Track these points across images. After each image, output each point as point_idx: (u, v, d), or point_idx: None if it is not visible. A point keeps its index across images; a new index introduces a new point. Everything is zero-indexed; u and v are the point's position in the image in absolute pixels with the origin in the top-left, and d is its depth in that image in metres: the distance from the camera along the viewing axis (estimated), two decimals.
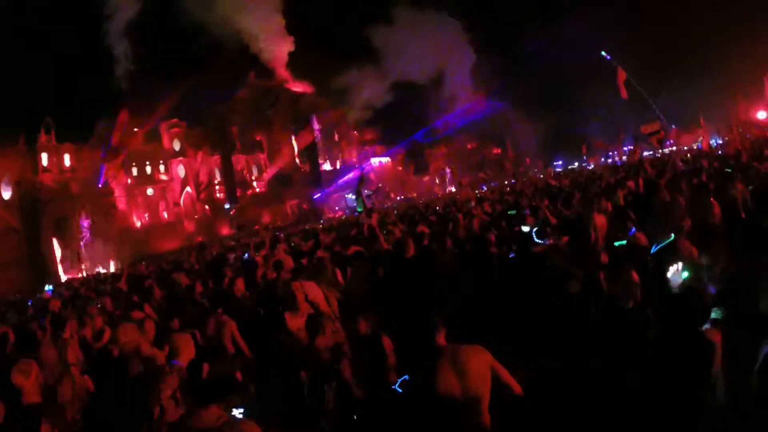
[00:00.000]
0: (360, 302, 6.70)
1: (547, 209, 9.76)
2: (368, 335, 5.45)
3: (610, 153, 53.06)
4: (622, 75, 34.32)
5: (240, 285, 8.28)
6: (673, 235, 5.95)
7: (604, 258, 6.66)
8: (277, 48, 57.42)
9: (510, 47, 59.96)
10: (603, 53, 37.69)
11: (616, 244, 6.96)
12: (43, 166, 44.05)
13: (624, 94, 34.60)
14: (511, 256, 7.53)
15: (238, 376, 4.34)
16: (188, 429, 3.39)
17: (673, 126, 42.17)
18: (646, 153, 35.00)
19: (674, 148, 37.19)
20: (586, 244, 7.30)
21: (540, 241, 7.69)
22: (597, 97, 46.74)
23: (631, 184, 11.63)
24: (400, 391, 4.58)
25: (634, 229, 6.97)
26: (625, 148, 48.21)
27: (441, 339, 3.93)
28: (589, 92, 48.33)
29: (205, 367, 4.64)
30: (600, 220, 7.68)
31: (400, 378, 4.67)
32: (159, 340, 5.59)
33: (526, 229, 8.42)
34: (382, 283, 7.27)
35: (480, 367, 3.78)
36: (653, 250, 6.01)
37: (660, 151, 35.72)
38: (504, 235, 8.94)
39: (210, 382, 3.95)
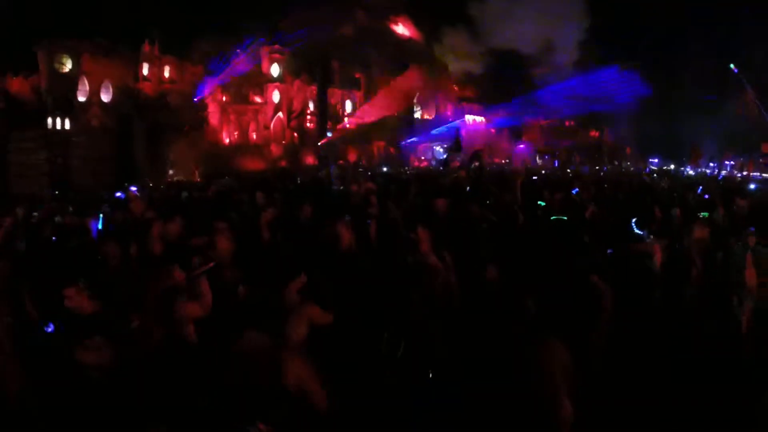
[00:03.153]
0: None
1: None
2: (496, 282, 5.48)
3: (712, 164, 49.72)
4: (749, 94, 31.67)
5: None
6: None
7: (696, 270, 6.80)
8: None
9: (630, 29, 55.94)
10: (731, 66, 34.49)
11: None
12: (143, 75, 44.90)
13: (742, 111, 31.95)
14: (609, 251, 7.34)
15: None
16: (236, 350, 3.12)
17: None
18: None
19: None
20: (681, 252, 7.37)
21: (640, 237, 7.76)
22: (715, 106, 43.82)
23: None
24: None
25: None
26: (727, 163, 45.44)
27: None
28: (708, 98, 45.18)
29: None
30: (701, 232, 7.61)
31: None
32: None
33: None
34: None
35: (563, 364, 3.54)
36: None
37: None
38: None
39: None
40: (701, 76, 45.40)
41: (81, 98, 40.95)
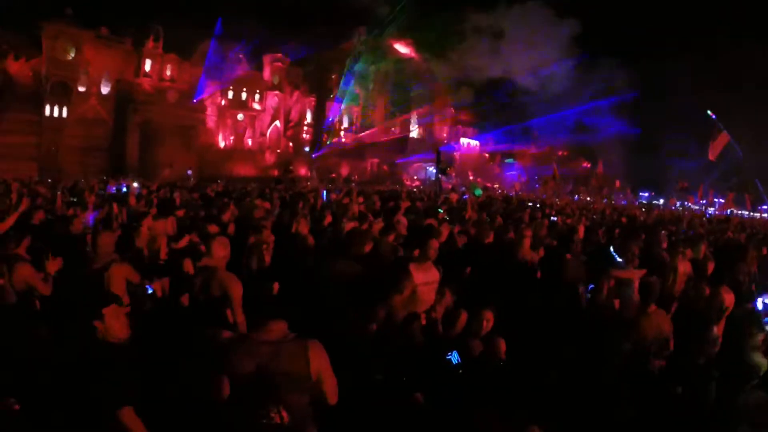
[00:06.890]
0: None
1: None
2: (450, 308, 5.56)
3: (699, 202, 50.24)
4: (724, 138, 31.92)
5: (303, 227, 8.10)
6: None
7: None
8: (393, 10, 56.71)
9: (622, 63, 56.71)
10: (709, 112, 34.88)
11: None
12: (144, 70, 44.82)
13: (713, 156, 32.26)
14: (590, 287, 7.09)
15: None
16: (252, 341, 3.20)
17: None
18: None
19: None
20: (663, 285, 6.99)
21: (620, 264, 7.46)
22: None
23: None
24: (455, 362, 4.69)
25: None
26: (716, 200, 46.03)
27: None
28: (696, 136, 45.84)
29: (276, 285, 4.34)
30: (684, 266, 7.48)
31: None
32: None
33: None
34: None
35: None
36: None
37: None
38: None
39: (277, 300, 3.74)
40: (686, 118, 46.19)
41: (80, 87, 40.80)
